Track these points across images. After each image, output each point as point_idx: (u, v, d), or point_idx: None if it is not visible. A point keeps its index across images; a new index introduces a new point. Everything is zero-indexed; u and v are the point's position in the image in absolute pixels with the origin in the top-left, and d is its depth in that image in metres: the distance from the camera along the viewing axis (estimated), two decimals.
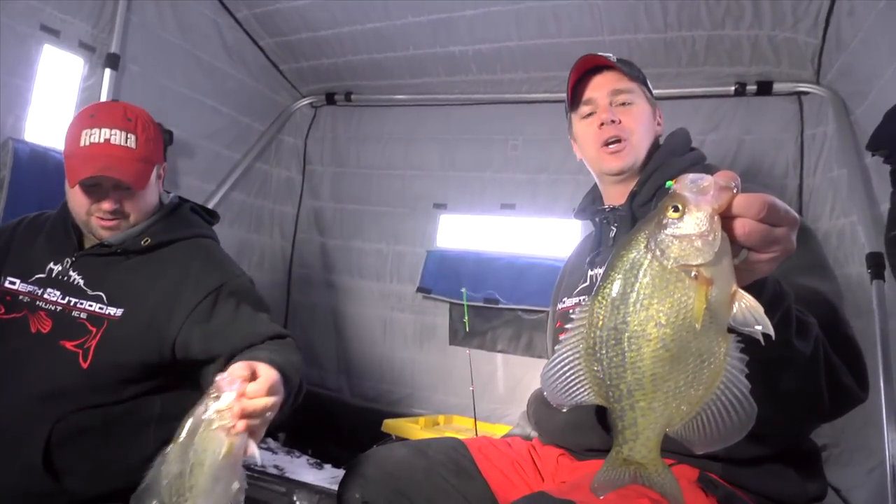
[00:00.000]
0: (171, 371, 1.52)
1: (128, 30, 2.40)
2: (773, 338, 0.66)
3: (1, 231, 1.67)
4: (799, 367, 0.88)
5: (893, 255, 1.47)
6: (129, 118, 1.51)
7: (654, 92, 1.52)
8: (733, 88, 2.45)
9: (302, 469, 2.39)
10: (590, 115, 1.46)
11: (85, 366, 1.45)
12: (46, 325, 1.51)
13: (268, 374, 1.10)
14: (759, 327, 0.66)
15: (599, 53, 1.46)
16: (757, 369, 0.68)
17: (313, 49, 2.95)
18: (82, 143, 1.46)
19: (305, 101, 3.37)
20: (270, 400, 1.06)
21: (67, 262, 1.55)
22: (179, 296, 1.51)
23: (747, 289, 0.69)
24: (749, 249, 0.69)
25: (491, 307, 2.81)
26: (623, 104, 1.43)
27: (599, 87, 1.44)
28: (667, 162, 1.41)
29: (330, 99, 3.31)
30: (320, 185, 3.42)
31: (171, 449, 1.01)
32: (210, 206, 2.86)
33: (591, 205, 1.57)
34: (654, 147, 1.46)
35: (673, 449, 1.09)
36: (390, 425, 2.49)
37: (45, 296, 1.53)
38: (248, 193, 3.22)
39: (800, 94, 2.40)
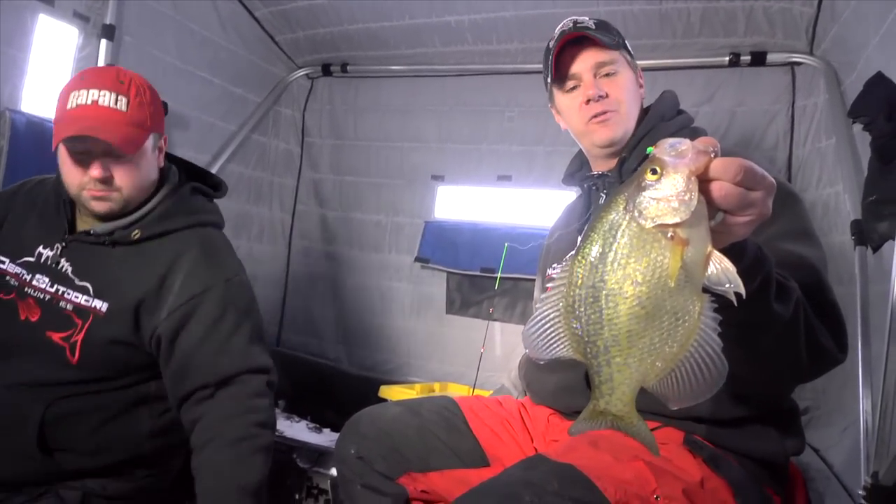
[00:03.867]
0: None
1: (122, 0, 2.38)
2: (745, 297, 0.68)
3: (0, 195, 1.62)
4: (778, 329, 0.90)
5: (869, 221, 1.49)
6: (122, 80, 1.41)
7: (649, 63, 1.52)
8: (727, 59, 2.44)
9: (301, 433, 2.44)
10: (574, 88, 1.45)
11: (73, 361, 1.42)
12: (35, 314, 1.46)
13: None
14: (731, 286, 0.68)
15: (577, 20, 1.43)
16: (737, 331, 0.69)
17: (309, 18, 2.93)
18: (69, 106, 1.38)
19: (301, 73, 3.36)
20: None
21: (58, 247, 1.48)
22: (162, 296, 1.44)
23: (729, 254, 0.70)
24: (725, 212, 0.71)
25: (487, 276, 2.85)
26: (607, 75, 1.42)
27: (583, 62, 1.42)
28: (656, 127, 1.41)
29: (326, 70, 3.29)
30: (319, 157, 3.43)
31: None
32: None
33: (579, 171, 1.58)
34: (642, 113, 1.46)
35: (657, 411, 1.13)
36: (387, 392, 2.54)
37: (35, 282, 1.47)
38: (246, 165, 3.23)
39: (793, 64, 2.40)
